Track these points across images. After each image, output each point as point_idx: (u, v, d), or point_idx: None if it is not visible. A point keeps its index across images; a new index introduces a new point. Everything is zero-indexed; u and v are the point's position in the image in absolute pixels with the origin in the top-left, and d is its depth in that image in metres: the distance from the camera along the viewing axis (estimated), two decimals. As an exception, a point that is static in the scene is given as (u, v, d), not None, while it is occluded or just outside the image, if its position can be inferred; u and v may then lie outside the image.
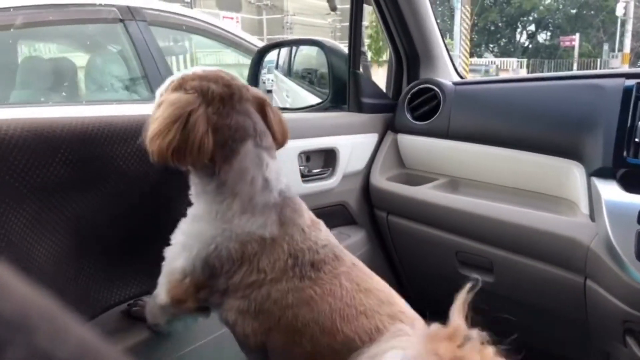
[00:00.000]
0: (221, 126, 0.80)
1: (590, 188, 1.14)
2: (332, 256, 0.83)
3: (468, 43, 14.56)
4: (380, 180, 1.53)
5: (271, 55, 2.04)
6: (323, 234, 0.87)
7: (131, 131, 0.94)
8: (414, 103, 1.59)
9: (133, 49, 2.44)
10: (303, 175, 1.32)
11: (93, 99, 2.56)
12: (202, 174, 0.84)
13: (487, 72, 16.66)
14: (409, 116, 1.58)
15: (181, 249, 0.84)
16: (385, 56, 13.30)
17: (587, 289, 1.10)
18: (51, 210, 0.84)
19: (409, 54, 1.67)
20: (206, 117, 0.79)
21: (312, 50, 2.08)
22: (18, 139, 0.78)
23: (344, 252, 0.86)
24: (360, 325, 0.76)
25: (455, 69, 1.69)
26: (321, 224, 0.89)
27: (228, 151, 0.81)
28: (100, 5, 2.39)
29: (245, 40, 3.01)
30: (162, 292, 0.86)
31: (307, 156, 1.37)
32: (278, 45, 2.06)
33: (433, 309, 1.79)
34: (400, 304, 0.83)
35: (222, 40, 3.00)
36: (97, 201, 0.91)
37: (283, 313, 0.78)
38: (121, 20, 2.41)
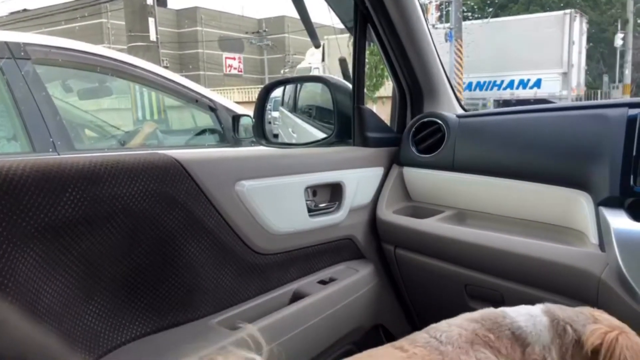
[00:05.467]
0: None
1: (598, 218, 1.13)
2: None
3: (462, 77, 14.71)
4: (387, 213, 1.53)
5: (276, 92, 2.07)
6: None
7: (138, 169, 0.95)
8: (418, 136, 1.60)
9: (9, 94, 2.00)
10: (310, 210, 1.32)
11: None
12: None
13: (484, 105, 16.74)
14: (413, 149, 1.59)
15: None
16: (378, 92, 13.52)
17: (601, 320, 1.08)
18: (59, 250, 0.85)
19: (412, 88, 1.69)
20: None
21: (317, 87, 2.11)
22: (27, 179, 0.79)
23: None
24: None
25: (459, 102, 1.71)
26: None
27: None
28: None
29: (175, 82, 2.85)
30: None
31: (313, 191, 1.38)
32: (283, 82, 2.10)
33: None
34: None
35: (145, 82, 2.82)
36: (104, 240, 0.92)
37: None
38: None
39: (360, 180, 1.50)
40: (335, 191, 1.43)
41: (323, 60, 17.85)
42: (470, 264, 1.34)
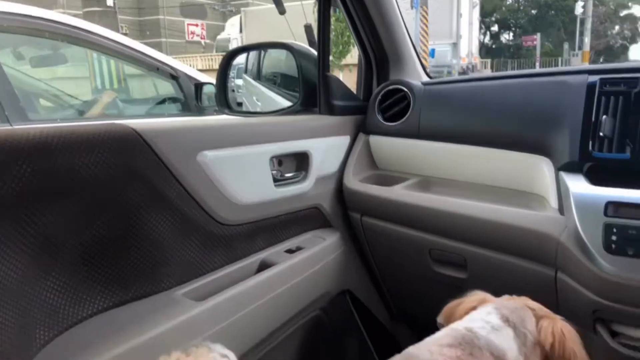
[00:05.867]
0: None
1: (558, 182, 1.16)
2: None
3: (427, 44, 14.73)
4: (353, 182, 1.54)
5: (240, 59, 2.02)
6: None
7: (94, 141, 0.91)
8: (384, 104, 1.59)
9: None
10: (275, 180, 1.31)
11: None
12: None
13: (449, 73, 16.97)
14: (379, 117, 1.59)
15: None
16: (344, 60, 13.39)
17: (558, 281, 1.12)
18: (11, 225, 0.81)
19: (378, 56, 1.68)
20: None
21: (281, 54, 2.07)
22: None
23: None
24: None
25: (425, 69, 1.71)
26: None
27: None
28: None
29: (134, 49, 2.76)
30: None
31: (279, 160, 1.36)
32: (246, 49, 2.05)
33: (408, 306, 1.81)
34: None
35: (103, 49, 2.73)
36: (61, 214, 0.88)
37: None
38: None
39: (327, 149, 1.49)
40: (301, 160, 1.42)
41: (241, 31, 17.72)
42: (435, 230, 1.37)
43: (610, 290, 0.99)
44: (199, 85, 2.86)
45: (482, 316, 0.83)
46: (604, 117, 1.11)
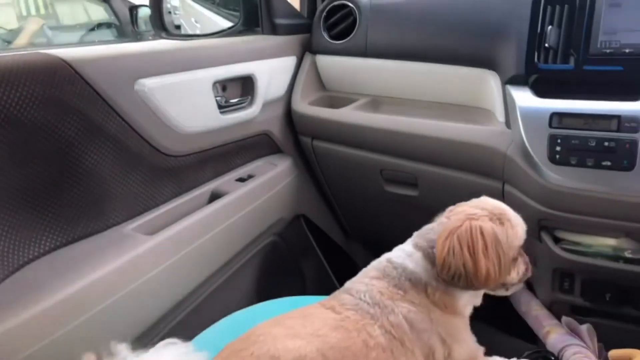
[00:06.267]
0: None
1: (505, 96, 1.16)
2: None
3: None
4: (302, 105, 1.50)
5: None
6: None
7: (18, 73, 0.83)
8: (330, 21, 1.53)
9: None
10: (220, 107, 1.25)
11: None
12: None
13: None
14: (325, 35, 1.52)
15: None
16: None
17: (506, 193, 1.16)
18: None
19: (321, -31, 1.59)
20: None
21: (218, -30, 1.94)
22: None
23: None
24: None
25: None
26: None
27: None
28: None
29: None
30: None
31: (222, 86, 1.30)
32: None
33: (362, 226, 1.85)
34: None
35: None
36: None
37: None
38: None
39: (272, 71, 1.43)
40: (246, 85, 1.36)
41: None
42: (386, 150, 1.37)
43: (554, 199, 1.03)
44: (133, 8, 2.66)
45: (401, 246, 0.87)
46: (549, 27, 1.10)
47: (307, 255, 1.67)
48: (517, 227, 0.80)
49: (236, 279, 1.35)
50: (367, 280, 0.81)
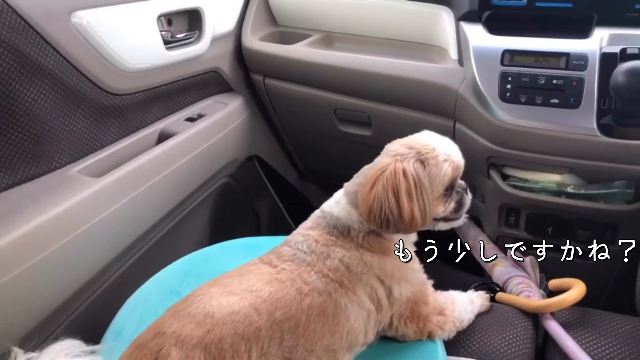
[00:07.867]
0: None
1: (458, 33, 1.16)
2: None
3: None
4: (253, 41, 1.44)
5: None
6: None
7: None
8: (280, -49, 1.45)
9: None
10: (166, 42, 1.18)
11: None
12: None
13: None
14: (276, -33, 1.45)
15: None
16: None
17: (457, 131, 1.17)
18: None
19: None
20: None
21: None
22: None
23: None
24: None
25: None
26: None
27: None
28: None
29: None
30: None
31: (168, 19, 1.22)
32: None
33: (315, 165, 1.85)
34: None
35: None
36: None
37: None
38: None
39: (221, 4, 1.36)
40: (193, 18, 1.29)
41: None
42: (339, 89, 1.35)
43: (503, 136, 1.05)
44: None
45: (335, 195, 0.88)
46: (504, -38, 1.08)
47: (261, 196, 1.66)
48: (443, 164, 0.79)
49: (189, 222, 1.33)
50: (304, 231, 0.83)
